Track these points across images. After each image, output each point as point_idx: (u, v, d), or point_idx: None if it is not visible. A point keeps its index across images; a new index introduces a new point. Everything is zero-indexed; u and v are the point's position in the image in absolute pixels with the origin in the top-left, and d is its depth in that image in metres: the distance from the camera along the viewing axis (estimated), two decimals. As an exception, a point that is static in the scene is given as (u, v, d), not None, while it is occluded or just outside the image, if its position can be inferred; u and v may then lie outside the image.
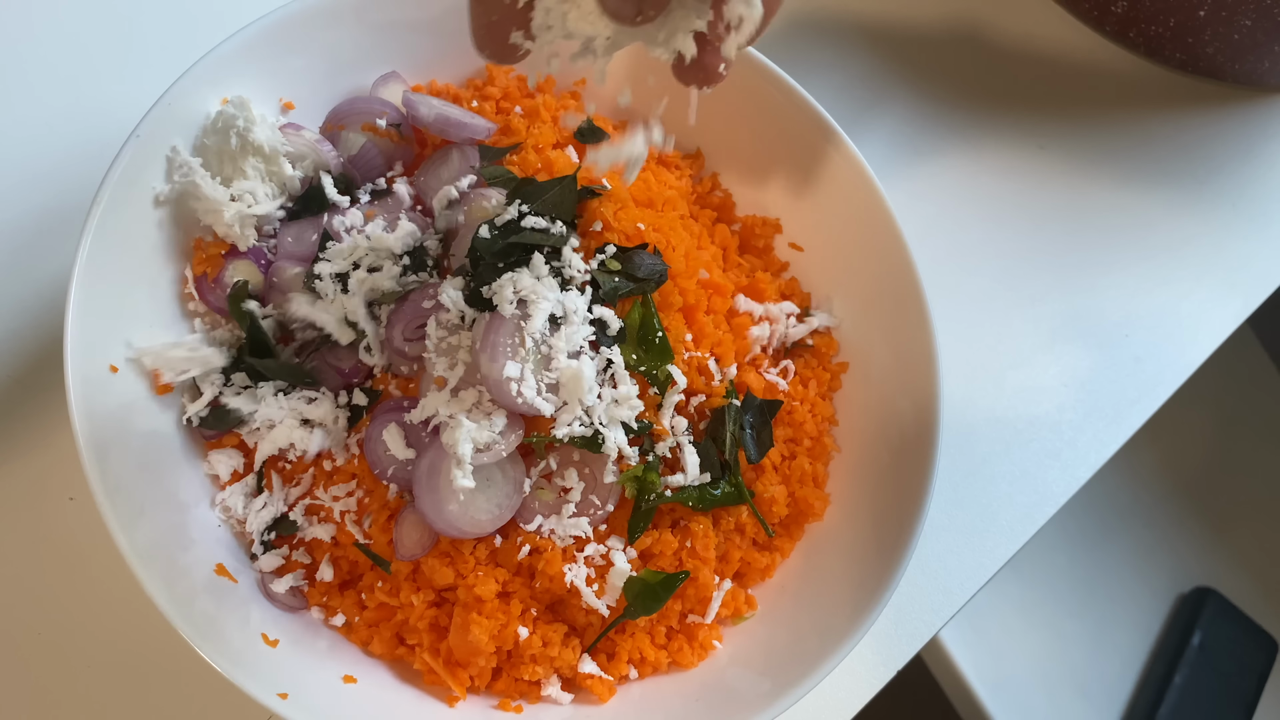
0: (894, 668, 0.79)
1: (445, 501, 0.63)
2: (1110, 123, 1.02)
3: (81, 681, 0.71)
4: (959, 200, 0.96)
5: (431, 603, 0.66)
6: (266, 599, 0.66)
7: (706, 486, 0.69)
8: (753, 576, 0.73)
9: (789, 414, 0.75)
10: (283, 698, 0.59)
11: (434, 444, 0.64)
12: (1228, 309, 0.96)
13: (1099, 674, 1.28)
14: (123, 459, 0.62)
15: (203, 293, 0.69)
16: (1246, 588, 1.39)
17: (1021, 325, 0.93)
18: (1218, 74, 1.02)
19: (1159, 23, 0.97)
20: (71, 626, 0.72)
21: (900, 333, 0.75)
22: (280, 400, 0.67)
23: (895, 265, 0.75)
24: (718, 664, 0.70)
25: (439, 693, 0.66)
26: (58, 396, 0.60)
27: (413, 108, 0.74)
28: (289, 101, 0.74)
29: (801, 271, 0.82)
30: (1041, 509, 0.87)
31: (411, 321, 0.67)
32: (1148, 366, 0.93)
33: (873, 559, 0.69)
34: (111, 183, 0.63)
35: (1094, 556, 1.34)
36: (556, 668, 0.67)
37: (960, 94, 1.00)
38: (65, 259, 0.62)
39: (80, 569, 0.73)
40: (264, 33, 0.69)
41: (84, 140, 0.82)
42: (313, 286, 0.68)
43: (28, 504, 0.73)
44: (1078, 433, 0.90)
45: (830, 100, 0.78)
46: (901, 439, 0.73)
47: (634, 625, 0.68)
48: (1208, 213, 1.00)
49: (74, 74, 0.84)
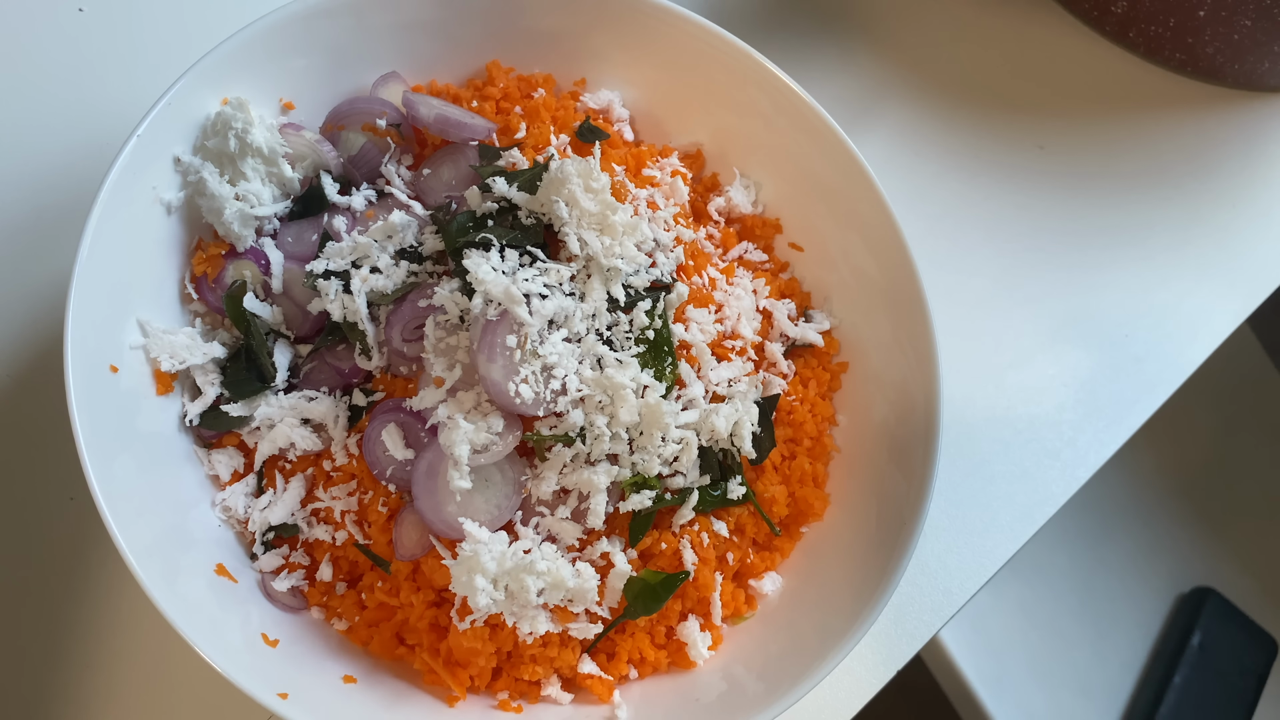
0: (894, 668, 0.79)
1: (444, 502, 0.63)
2: (1110, 123, 1.02)
3: (82, 681, 0.71)
4: (959, 200, 0.96)
5: (431, 603, 0.66)
6: (266, 599, 0.66)
7: (706, 487, 0.69)
8: (753, 576, 0.73)
9: (789, 414, 0.75)
10: (283, 698, 0.59)
11: (432, 445, 0.64)
12: (1228, 309, 0.96)
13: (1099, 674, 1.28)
14: (123, 459, 0.62)
15: (203, 293, 0.69)
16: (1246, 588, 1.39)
17: (1021, 325, 0.93)
18: (1218, 74, 1.02)
19: (1159, 23, 0.97)
20: (71, 626, 0.72)
21: (900, 333, 0.75)
22: (280, 400, 0.67)
23: (895, 265, 0.75)
24: (717, 664, 0.70)
25: (439, 693, 0.66)
26: (58, 396, 0.60)
27: (413, 108, 0.74)
28: (289, 101, 0.74)
29: (801, 271, 0.82)
30: (1041, 509, 0.87)
31: (410, 322, 0.67)
32: (1148, 366, 0.93)
33: (873, 559, 0.69)
34: (111, 183, 0.63)
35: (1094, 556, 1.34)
36: (556, 668, 0.67)
37: (960, 94, 1.00)
38: (65, 259, 0.62)
39: (80, 569, 0.73)
40: (264, 33, 0.69)
41: (84, 140, 0.82)
42: (314, 286, 0.68)
43: (28, 504, 0.73)
44: (1078, 433, 0.90)
45: (830, 100, 0.78)
46: (901, 439, 0.73)
47: (634, 625, 0.68)
48: (1208, 213, 1.00)
49: (74, 74, 0.84)
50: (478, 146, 0.74)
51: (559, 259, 0.67)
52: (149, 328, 0.66)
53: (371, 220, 0.72)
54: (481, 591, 0.60)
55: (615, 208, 0.67)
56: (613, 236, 0.67)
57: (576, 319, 0.65)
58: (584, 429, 0.65)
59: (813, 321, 0.79)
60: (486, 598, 0.60)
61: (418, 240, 0.70)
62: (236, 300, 0.68)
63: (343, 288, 0.68)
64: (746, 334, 0.75)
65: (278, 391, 0.68)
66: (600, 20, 0.77)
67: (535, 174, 0.68)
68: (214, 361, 0.68)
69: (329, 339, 0.69)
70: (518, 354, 0.62)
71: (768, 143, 0.80)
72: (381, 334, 0.67)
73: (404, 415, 0.66)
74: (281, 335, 0.70)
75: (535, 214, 0.68)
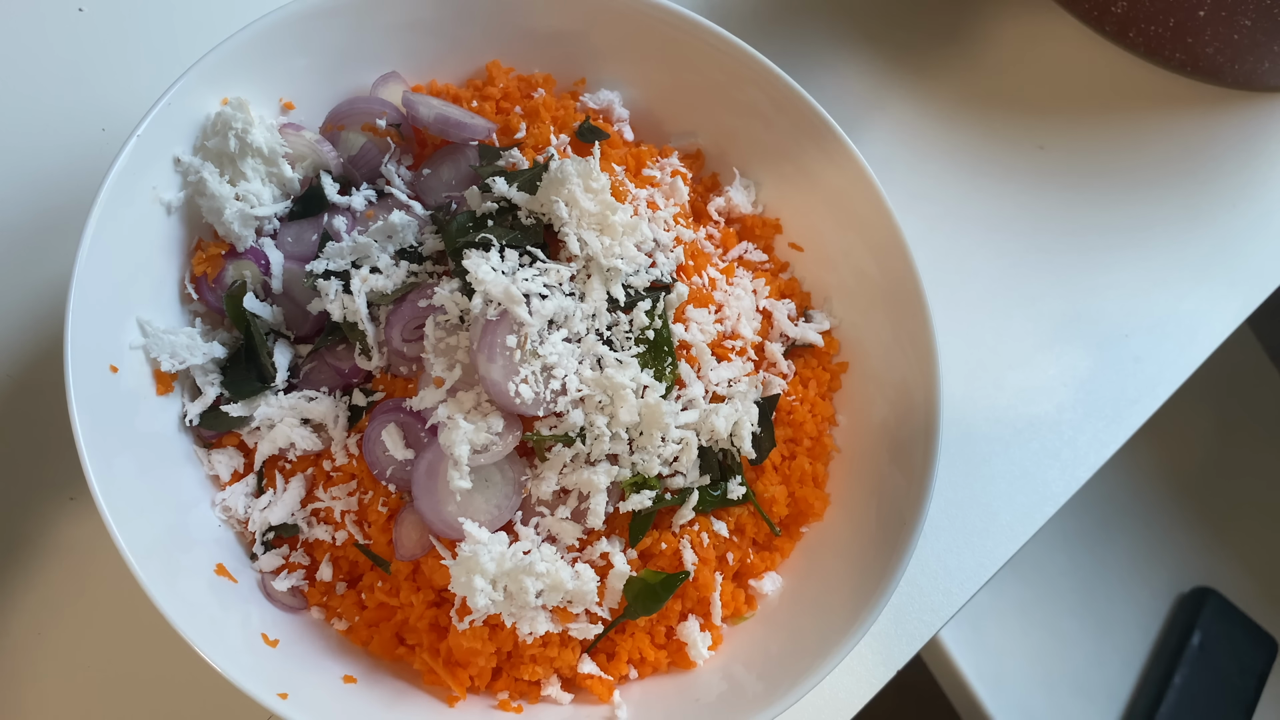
0: (894, 668, 0.79)
1: (443, 502, 0.63)
2: (1110, 123, 1.02)
3: (81, 681, 0.71)
4: (959, 200, 0.96)
5: (431, 603, 0.66)
6: (266, 599, 0.66)
7: (706, 487, 0.69)
8: (753, 576, 0.73)
9: (789, 414, 0.75)
10: (283, 698, 0.59)
11: (432, 445, 0.64)
12: (1228, 309, 0.96)
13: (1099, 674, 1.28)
14: (123, 459, 0.62)
15: (203, 293, 0.69)
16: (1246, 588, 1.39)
17: (1021, 325, 0.93)
18: (1218, 74, 1.02)
19: (1159, 23, 0.97)
20: (71, 626, 0.72)
21: (900, 333, 0.75)
22: (280, 400, 0.67)
23: (895, 265, 0.75)
24: (717, 664, 0.70)
25: (439, 693, 0.66)
26: (58, 396, 0.60)
27: (413, 108, 0.74)
28: (289, 101, 0.74)
29: (801, 271, 0.82)
30: (1041, 509, 0.87)
31: (410, 322, 0.67)
32: (1148, 366, 0.93)
33: (873, 559, 0.69)
34: (111, 183, 0.63)
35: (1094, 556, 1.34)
36: (556, 668, 0.67)
37: (960, 94, 1.00)
38: (65, 259, 0.62)
39: (80, 569, 0.73)
40: (264, 33, 0.69)
41: (84, 140, 0.82)
42: (314, 286, 0.68)
43: (28, 504, 0.73)
44: (1078, 433, 0.90)
45: (830, 100, 0.78)
46: (901, 439, 0.73)
47: (634, 625, 0.68)
48: (1208, 213, 1.00)
49: (74, 74, 0.84)
50: (478, 146, 0.74)
51: (559, 259, 0.67)
52: (149, 328, 0.66)
53: (371, 220, 0.72)
54: (480, 592, 0.60)
55: (615, 208, 0.67)
56: (613, 236, 0.67)
57: (576, 319, 0.65)
58: (584, 429, 0.65)
59: (813, 321, 0.79)
60: (485, 598, 0.60)
61: (418, 240, 0.70)
62: (236, 300, 0.68)
63: (343, 288, 0.68)
64: (746, 334, 0.75)
65: (278, 391, 0.68)
66: (600, 20, 0.77)
67: (535, 174, 0.68)
68: (214, 361, 0.68)
69: (329, 339, 0.69)
70: (518, 354, 0.62)
71: (768, 143, 0.80)
72: (381, 334, 0.67)
73: (404, 415, 0.66)
74: (281, 335, 0.70)
75: (535, 214, 0.68)
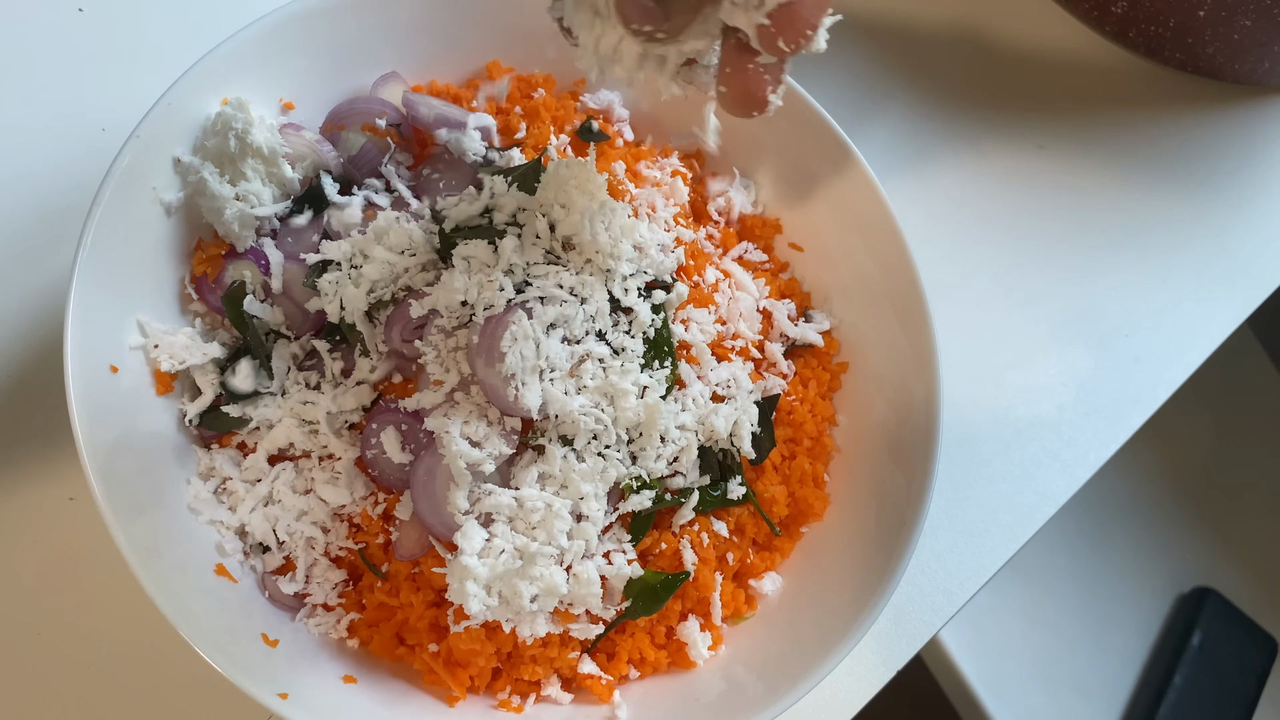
0: (894, 668, 0.79)
1: (442, 504, 0.63)
2: (1110, 123, 1.02)
3: (81, 681, 0.71)
4: (959, 200, 0.96)
5: (431, 603, 0.66)
6: (266, 599, 0.66)
7: (706, 487, 0.69)
8: (753, 576, 0.73)
9: (789, 414, 0.75)
10: (283, 698, 0.59)
11: (430, 447, 0.64)
12: (1228, 309, 0.96)
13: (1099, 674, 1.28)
14: (123, 459, 0.62)
15: (203, 293, 0.69)
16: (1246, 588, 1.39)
17: (1021, 325, 0.93)
18: (1218, 74, 1.02)
19: (1159, 23, 0.97)
20: (71, 626, 0.72)
21: (900, 333, 0.75)
22: (280, 400, 0.67)
23: (895, 265, 0.75)
24: (717, 664, 0.70)
25: (439, 693, 0.66)
26: (58, 396, 0.60)
27: (413, 108, 0.74)
28: (289, 101, 0.74)
29: (801, 271, 0.82)
30: (1041, 509, 0.87)
31: (410, 323, 0.67)
32: (1148, 366, 0.93)
33: (873, 559, 0.69)
34: (111, 183, 0.63)
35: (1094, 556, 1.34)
36: (556, 668, 0.67)
37: (960, 94, 1.00)
38: (65, 259, 0.62)
39: (80, 569, 0.73)
40: (264, 33, 0.69)
41: (84, 140, 0.82)
42: (313, 286, 0.68)
43: (28, 504, 0.73)
44: (1078, 433, 0.90)
45: (830, 100, 0.78)
46: (901, 439, 0.73)
47: (634, 625, 0.68)
48: (1208, 213, 1.00)
49: (74, 74, 0.84)
50: (477, 146, 0.74)
51: (559, 260, 0.67)
52: (149, 328, 0.66)
53: (371, 220, 0.72)
54: (474, 597, 0.60)
55: (614, 208, 0.67)
56: (612, 237, 0.67)
57: (576, 320, 0.65)
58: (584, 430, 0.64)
59: (813, 321, 0.79)
60: (479, 604, 0.60)
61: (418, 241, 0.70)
62: (236, 301, 0.68)
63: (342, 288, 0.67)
64: (746, 334, 0.75)
65: (277, 393, 0.68)
66: (600, 20, 0.77)
67: (531, 170, 0.68)
68: (214, 362, 0.68)
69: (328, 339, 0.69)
70: (517, 355, 0.62)
71: (768, 143, 0.80)
72: (381, 334, 0.67)
73: (403, 417, 0.66)
74: (281, 335, 0.70)
75: (535, 214, 0.68)
